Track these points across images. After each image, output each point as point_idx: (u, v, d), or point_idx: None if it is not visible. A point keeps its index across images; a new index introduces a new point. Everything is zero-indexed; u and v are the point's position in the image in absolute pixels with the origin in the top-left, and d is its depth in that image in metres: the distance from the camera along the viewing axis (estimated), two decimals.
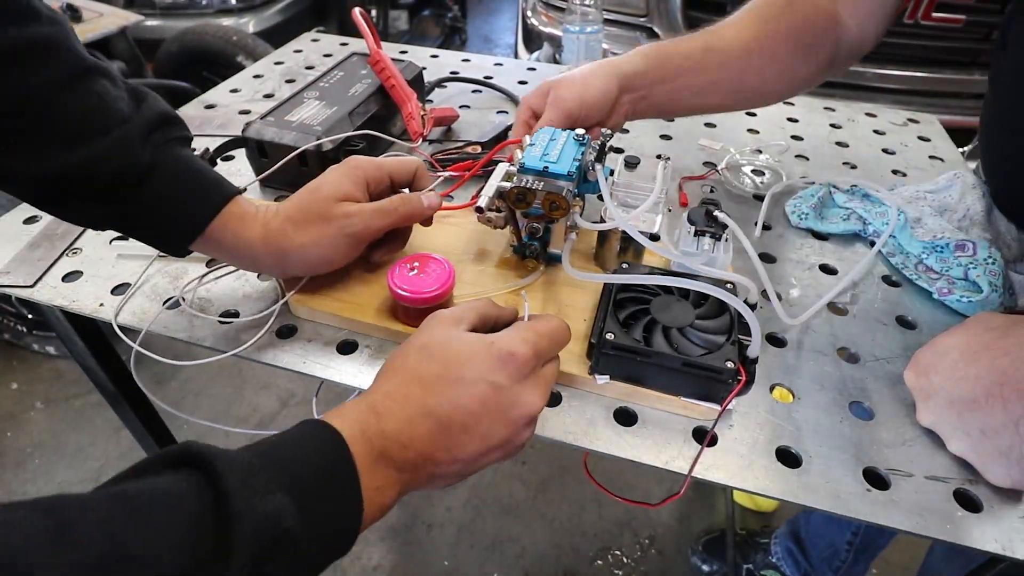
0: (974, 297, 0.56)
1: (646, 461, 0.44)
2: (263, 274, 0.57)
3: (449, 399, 0.37)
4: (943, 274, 0.59)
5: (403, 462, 0.36)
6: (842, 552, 1.05)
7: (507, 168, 0.53)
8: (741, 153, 0.80)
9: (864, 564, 1.06)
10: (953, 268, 0.58)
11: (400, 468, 0.36)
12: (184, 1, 2.15)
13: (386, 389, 0.38)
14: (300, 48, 1.07)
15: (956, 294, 0.57)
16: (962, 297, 0.56)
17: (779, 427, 0.46)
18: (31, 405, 1.57)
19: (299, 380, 1.62)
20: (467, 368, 0.38)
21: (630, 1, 1.65)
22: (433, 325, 0.42)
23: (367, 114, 0.73)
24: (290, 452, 0.33)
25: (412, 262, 0.51)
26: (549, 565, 1.28)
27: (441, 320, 0.42)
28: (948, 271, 0.58)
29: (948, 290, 0.57)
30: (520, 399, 0.39)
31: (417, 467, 0.37)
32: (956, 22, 1.42)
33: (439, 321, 0.42)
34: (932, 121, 0.92)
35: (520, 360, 0.39)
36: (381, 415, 0.36)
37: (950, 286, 0.57)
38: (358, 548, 1.29)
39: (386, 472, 0.35)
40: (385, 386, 0.38)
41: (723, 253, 0.52)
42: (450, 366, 0.38)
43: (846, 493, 0.42)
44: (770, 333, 0.54)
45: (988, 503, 0.42)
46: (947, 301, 0.57)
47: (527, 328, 0.42)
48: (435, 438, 0.37)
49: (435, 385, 0.38)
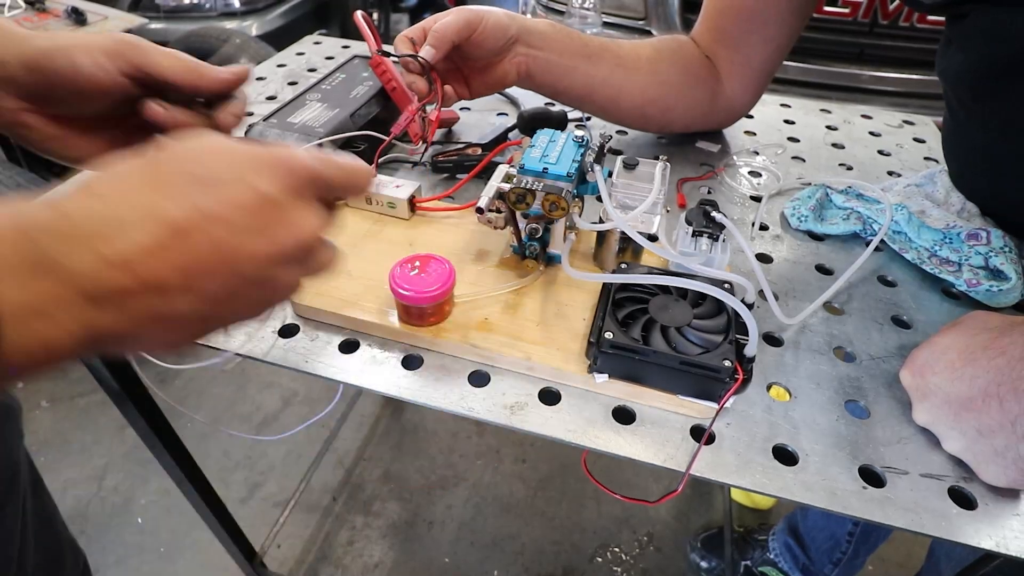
0: (1003, 285, 0.55)
1: (644, 459, 0.44)
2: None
3: (193, 200, 0.27)
4: (962, 264, 0.58)
5: (100, 284, 0.25)
6: (843, 543, 1.05)
7: (507, 169, 0.53)
8: (738, 155, 0.80)
9: (864, 556, 1.07)
10: (972, 257, 0.57)
11: (91, 294, 0.25)
12: (188, 4, 2.15)
13: (87, 184, 0.27)
14: (303, 51, 1.07)
15: (984, 284, 0.56)
16: (992, 287, 0.55)
17: (776, 425, 0.46)
18: (37, 403, 1.57)
19: (301, 379, 1.62)
20: (226, 168, 0.28)
21: (628, 4, 1.65)
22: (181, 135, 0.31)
23: (368, 116, 0.73)
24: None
25: (413, 262, 0.51)
26: (549, 562, 1.29)
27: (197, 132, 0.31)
28: (967, 260, 0.57)
29: (976, 281, 0.56)
30: (290, 216, 0.29)
31: (127, 296, 0.25)
32: None
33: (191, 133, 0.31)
34: (927, 123, 0.92)
35: (299, 171, 0.30)
36: (68, 213, 0.25)
37: (976, 276, 0.56)
38: (359, 545, 1.29)
39: (54, 290, 0.24)
40: (86, 181, 0.27)
41: (720, 253, 0.52)
42: (203, 162, 0.28)
43: (842, 490, 0.42)
44: (767, 333, 0.54)
45: (983, 501, 0.42)
46: (974, 292, 0.56)
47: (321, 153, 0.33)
48: (165, 253, 0.26)
49: (175, 182, 0.27)
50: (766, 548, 1.22)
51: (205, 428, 1.52)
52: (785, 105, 0.95)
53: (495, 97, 0.93)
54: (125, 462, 1.44)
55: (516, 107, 0.88)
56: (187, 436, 0.84)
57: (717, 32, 0.74)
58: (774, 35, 0.71)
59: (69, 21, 1.61)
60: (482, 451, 1.49)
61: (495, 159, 0.69)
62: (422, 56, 0.60)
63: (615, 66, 0.69)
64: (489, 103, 0.91)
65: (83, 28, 1.61)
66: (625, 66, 0.69)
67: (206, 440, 1.49)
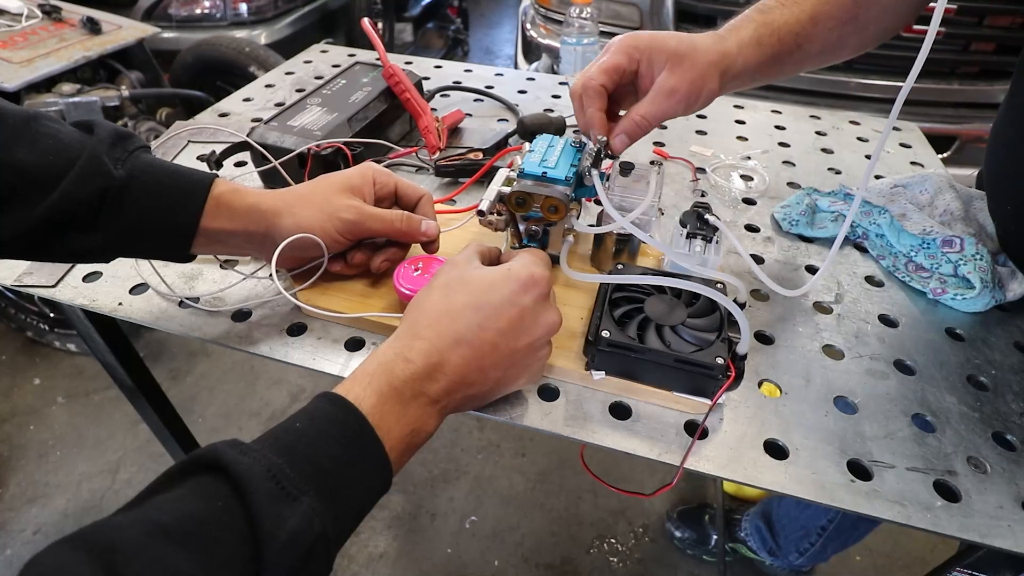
0: (968, 294, 0.55)
1: (640, 453, 0.44)
2: (254, 254, 0.54)
3: (479, 323, 0.39)
4: (933, 272, 0.58)
5: (439, 392, 0.38)
6: (813, 535, 1.06)
7: (507, 173, 0.53)
8: (731, 158, 0.80)
9: (831, 551, 1.08)
10: (943, 265, 0.57)
11: (435, 400, 0.38)
12: (199, 14, 2.15)
13: (414, 331, 0.39)
14: (310, 59, 1.07)
15: (950, 292, 0.56)
16: (956, 295, 0.56)
17: (767, 420, 0.46)
18: (53, 400, 1.57)
19: (309, 376, 1.62)
20: (493, 294, 0.40)
21: (625, 14, 1.65)
22: (448, 268, 0.44)
23: (366, 120, 0.72)
24: (310, 441, 0.32)
25: (417, 263, 0.51)
26: (547, 552, 1.28)
27: (454, 263, 0.44)
28: (938, 268, 0.57)
29: (942, 290, 0.56)
30: (541, 318, 0.42)
31: (451, 392, 0.39)
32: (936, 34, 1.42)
33: (453, 264, 0.44)
34: (913, 128, 0.92)
35: (541, 282, 0.42)
36: (410, 359, 0.37)
37: (942, 285, 0.57)
38: (364, 536, 1.29)
39: (420, 410, 0.37)
40: (412, 328, 0.40)
41: (714, 255, 0.52)
42: (476, 295, 0.40)
43: (831, 483, 0.42)
44: (758, 331, 0.54)
45: (966, 494, 0.42)
46: (942, 300, 0.57)
47: (530, 254, 0.45)
48: (468, 362, 0.39)
49: (464, 313, 0.40)
50: (739, 527, 1.25)
51: (215, 423, 1.52)
52: (776, 111, 0.95)
53: (495, 104, 0.93)
54: (138, 456, 1.44)
55: (515, 113, 0.88)
56: (198, 431, 0.84)
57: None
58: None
59: (85, 31, 1.61)
60: (483, 445, 1.49)
61: (496, 164, 0.69)
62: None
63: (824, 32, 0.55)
64: (490, 110, 0.91)
65: (98, 36, 1.60)
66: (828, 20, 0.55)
67: (217, 435, 1.48)
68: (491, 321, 0.39)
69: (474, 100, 0.94)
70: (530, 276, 0.41)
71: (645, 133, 0.52)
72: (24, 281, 0.56)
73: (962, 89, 1.49)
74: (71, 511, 1.32)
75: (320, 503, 0.30)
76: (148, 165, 0.44)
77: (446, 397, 0.39)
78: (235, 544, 0.27)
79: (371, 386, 0.36)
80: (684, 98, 0.50)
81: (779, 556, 1.17)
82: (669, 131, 0.87)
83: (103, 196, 0.41)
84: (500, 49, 3.77)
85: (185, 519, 0.26)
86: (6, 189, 0.39)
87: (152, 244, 0.46)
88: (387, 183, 0.53)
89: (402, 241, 0.54)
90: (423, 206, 0.54)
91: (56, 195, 0.40)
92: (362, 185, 0.50)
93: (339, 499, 0.31)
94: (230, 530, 0.27)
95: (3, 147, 0.39)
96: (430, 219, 0.53)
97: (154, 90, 1.70)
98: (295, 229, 0.47)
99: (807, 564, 1.17)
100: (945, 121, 1.48)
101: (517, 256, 0.44)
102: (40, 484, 1.37)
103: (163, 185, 0.44)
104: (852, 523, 1.00)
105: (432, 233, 0.53)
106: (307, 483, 0.30)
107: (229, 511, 0.27)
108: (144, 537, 0.25)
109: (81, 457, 1.44)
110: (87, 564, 0.23)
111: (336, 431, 0.33)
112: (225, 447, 0.30)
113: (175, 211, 0.44)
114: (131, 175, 0.42)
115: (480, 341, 0.39)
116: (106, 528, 0.25)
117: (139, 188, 0.43)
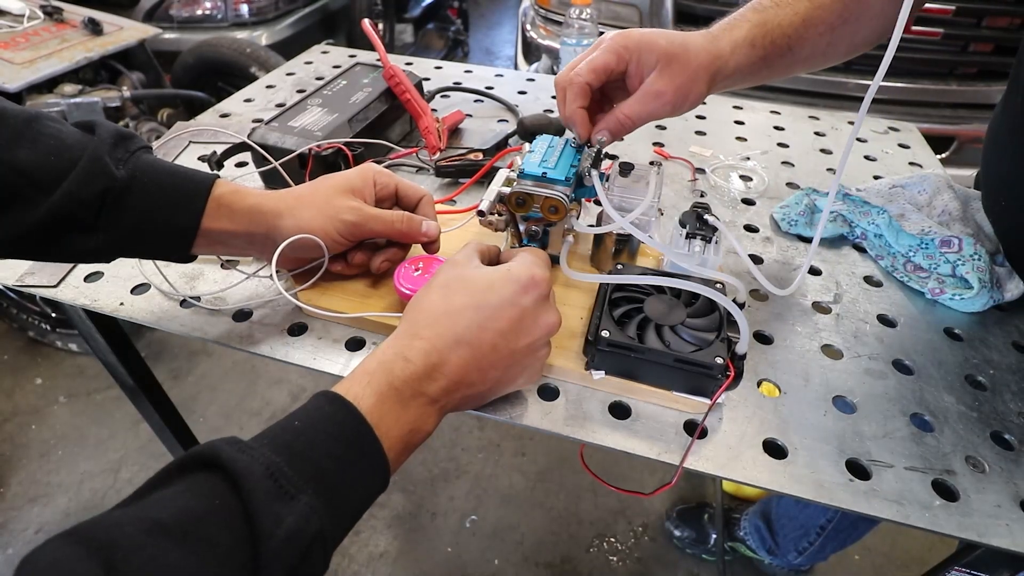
0: (966, 294, 0.55)
1: (640, 452, 0.44)
2: (255, 255, 0.54)
3: (479, 323, 0.39)
4: (932, 272, 0.58)
5: (438, 392, 0.38)
6: (812, 534, 1.06)
7: (507, 174, 0.53)
8: (730, 158, 0.80)
9: (830, 551, 1.08)
10: (941, 265, 0.57)
11: (434, 399, 0.38)
12: (200, 15, 2.15)
13: (413, 331, 0.39)
14: (311, 60, 1.07)
15: (948, 292, 0.56)
16: (954, 295, 0.56)
17: (766, 420, 0.46)
18: (54, 399, 1.57)
19: (310, 375, 1.62)
20: (492, 294, 0.40)
21: (624, 15, 1.65)
22: (448, 267, 0.43)
23: (366, 120, 0.72)
24: (309, 439, 0.32)
25: (417, 263, 0.51)
26: (547, 551, 1.28)
27: (454, 262, 0.44)
28: (936, 268, 0.57)
29: (940, 290, 0.56)
30: (541, 318, 0.42)
31: (451, 392, 0.39)
32: (934, 35, 1.43)
33: (452, 263, 0.44)
34: (912, 129, 0.92)
35: (541, 283, 0.42)
36: (409, 359, 0.37)
37: (940, 285, 0.57)
38: (364, 535, 1.29)
39: (420, 409, 0.37)
40: (412, 328, 0.40)
41: (713, 255, 0.52)
42: (476, 295, 0.40)
43: (829, 483, 0.42)
44: (757, 331, 0.54)
45: (964, 493, 0.42)
46: (941, 300, 0.57)
47: (530, 254, 0.45)
48: (467, 362, 0.39)
49: (463, 313, 0.39)
50: (738, 526, 1.25)
51: (217, 422, 1.52)
52: (775, 112, 0.95)
53: (495, 105, 0.93)
54: (140, 455, 1.44)
55: (515, 114, 0.88)
56: (199, 431, 0.84)
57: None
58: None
59: (86, 31, 1.60)
60: (483, 445, 1.49)
61: (496, 164, 0.69)
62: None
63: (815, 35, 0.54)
64: (490, 111, 0.91)
65: (99, 38, 1.60)
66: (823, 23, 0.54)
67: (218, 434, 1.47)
68: (491, 321, 0.39)
69: (474, 101, 0.94)
70: (530, 277, 0.41)
71: (628, 132, 0.52)
72: (26, 281, 0.56)
73: (960, 90, 1.49)
74: (73, 510, 1.32)
75: (318, 502, 0.30)
76: (150, 166, 0.44)
77: (445, 397, 0.39)
78: (233, 542, 0.27)
79: (370, 385, 0.36)
80: (671, 101, 0.50)
81: (778, 555, 1.17)
82: (668, 131, 0.87)
83: (105, 196, 0.41)
84: (500, 50, 3.77)
85: (183, 516, 0.27)
86: (8, 189, 0.39)
87: (153, 244, 0.46)
88: (388, 184, 0.52)
89: (403, 242, 0.54)
90: (423, 207, 0.54)
91: (58, 195, 0.40)
92: (363, 186, 0.50)
93: (337, 498, 0.31)
94: (228, 528, 0.27)
95: (5, 147, 0.39)
96: (431, 220, 0.53)
97: (155, 91, 1.70)
98: (296, 230, 0.47)
99: (806, 563, 1.17)
100: (943, 122, 1.48)
101: (517, 256, 0.44)
102: (42, 483, 1.37)
103: (164, 186, 0.44)
104: (851, 522, 1.00)
105: (433, 234, 0.53)
106: (305, 482, 0.30)
107: (227, 509, 0.28)
108: (142, 534, 0.25)
109: (83, 456, 1.44)
110: (86, 559, 0.23)
111: (335, 430, 0.33)
112: (224, 445, 0.30)
113: (176, 212, 0.44)
114: (133, 176, 0.42)
115: (480, 341, 0.39)
116: (104, 524, 0.25)
117: (141, 189, 0.42)
